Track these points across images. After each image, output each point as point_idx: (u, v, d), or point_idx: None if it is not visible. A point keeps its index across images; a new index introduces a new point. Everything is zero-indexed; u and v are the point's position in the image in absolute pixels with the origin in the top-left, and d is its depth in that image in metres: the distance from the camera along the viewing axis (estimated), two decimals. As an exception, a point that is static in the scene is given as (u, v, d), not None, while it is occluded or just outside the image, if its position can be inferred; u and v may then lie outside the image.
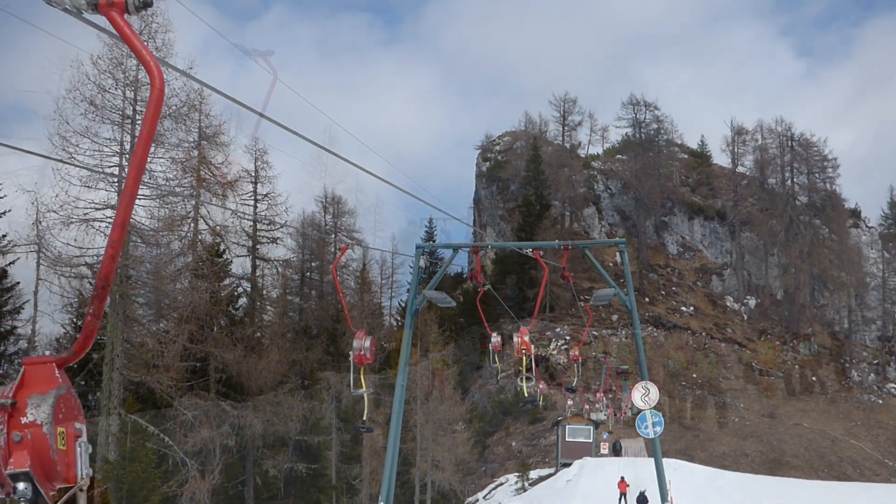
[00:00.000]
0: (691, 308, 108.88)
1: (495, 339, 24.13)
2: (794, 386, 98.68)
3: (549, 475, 62.81)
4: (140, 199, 34.88)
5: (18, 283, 40.02)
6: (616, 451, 64.98)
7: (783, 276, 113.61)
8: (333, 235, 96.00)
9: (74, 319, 40.10)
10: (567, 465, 60.65)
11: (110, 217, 33.57)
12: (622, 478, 45.16)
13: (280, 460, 43.76)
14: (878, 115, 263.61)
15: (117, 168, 33.82)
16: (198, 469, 35.55)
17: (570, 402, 70.65)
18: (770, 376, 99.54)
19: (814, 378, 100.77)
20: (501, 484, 67.47)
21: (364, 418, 15.64)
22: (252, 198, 48.07)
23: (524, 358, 20.49)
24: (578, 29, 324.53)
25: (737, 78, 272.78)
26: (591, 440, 65.37)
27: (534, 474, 65.30)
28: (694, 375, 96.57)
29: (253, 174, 47.65)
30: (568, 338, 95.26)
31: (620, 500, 44.04)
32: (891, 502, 42.21)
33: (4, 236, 38.48)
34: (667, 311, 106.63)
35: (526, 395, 21.46)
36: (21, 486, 3.53)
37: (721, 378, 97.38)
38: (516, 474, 65.84)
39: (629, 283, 26.31)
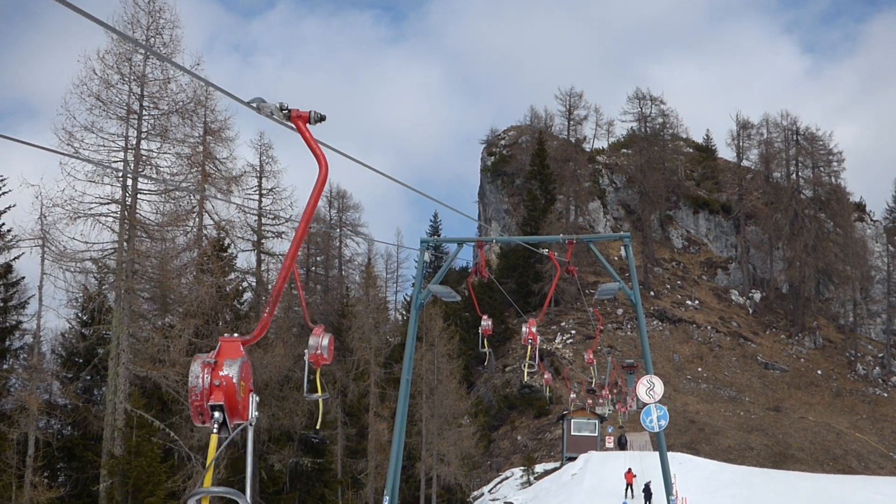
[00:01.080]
0: (696, 302, 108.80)
1: (485, 322, 24.23)
2: (799, 379, 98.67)
3: (555, 469, 62.98)
4: (145, 193, 35.02)
5: (23, 277, 40.04)
6: (621, 444, 65.09)
7: (788, 270, 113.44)
8: (339, 230, 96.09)
9: (80, 314, 40.16)
10: (572, 458, 60.78)
11: (115, 212, 33.63)
12: (629, 469, 45.28)
13: (285, 455, 43.77)
14: (882, 109, 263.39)
15: (122, 163, 33.88)
16: (203, 464, 35.61)
17: (573, 396, 70.69)
18: (775, 370, 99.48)
19: (819, 371, 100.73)
20: (507, 478, 67.69)
21: (317, 427, 15.43)
22: (257, 192, 48.04)
23: (529, 347, 20.88)
24: (584, 24, 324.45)
25: (742, 73, 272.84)
26: (596, 434, 65.52)
27: (539, 468, 65.48)
28: (699, 369, 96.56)
29: (258, 169, 47.58)
30: (573, 332, 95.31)
31: (627, 490, 44.17)
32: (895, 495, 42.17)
33: (9, 231, 38.57)
34: (672, 305, 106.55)
35: (526, 379, 22.16)
36: (216, 414, 5.41)
37: (726, 372, 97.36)
38: (522, 468, 65.99)
39: (634, 278, 26.23)
